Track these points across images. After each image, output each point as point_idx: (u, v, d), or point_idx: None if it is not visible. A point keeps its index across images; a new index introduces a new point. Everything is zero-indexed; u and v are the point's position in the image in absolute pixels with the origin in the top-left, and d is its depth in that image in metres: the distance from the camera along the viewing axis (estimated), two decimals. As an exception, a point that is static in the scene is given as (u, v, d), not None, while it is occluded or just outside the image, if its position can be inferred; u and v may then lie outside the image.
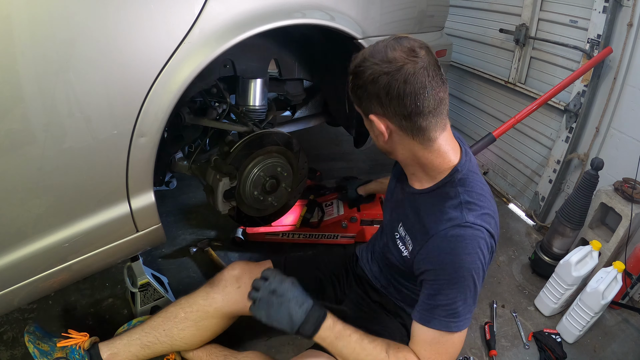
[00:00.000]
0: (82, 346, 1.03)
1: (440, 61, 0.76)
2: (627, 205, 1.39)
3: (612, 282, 1.26)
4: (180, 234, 1.71)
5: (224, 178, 1.15)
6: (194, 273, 1.51)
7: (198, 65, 0.84)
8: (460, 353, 1.26)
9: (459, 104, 2.52)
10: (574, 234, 1.53)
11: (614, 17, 1.51)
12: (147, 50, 0.78)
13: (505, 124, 1.65)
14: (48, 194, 0.79)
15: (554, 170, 1.84)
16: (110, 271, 1.46)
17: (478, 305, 1.46)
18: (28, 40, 0.65)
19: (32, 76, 0.68)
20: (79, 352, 1.02)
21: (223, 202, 1.20)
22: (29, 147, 0.72)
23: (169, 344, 1.06)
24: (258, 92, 1.30)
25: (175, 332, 1.05)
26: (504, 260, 1.72)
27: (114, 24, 0.73)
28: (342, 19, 1.09)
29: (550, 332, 1.34)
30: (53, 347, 1.02)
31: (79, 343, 1.04)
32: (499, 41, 2.13)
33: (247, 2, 0.90)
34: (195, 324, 1.06)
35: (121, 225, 0.92)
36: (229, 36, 0.87)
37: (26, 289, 0.85)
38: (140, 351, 1.05)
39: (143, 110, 0.81)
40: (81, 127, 0.76)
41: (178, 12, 0.80)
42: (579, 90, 1.67)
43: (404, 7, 1.35)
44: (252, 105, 1.31)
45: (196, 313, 1.06)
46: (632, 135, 1.51)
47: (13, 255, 0.79)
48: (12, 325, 1.25)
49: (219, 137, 1.32)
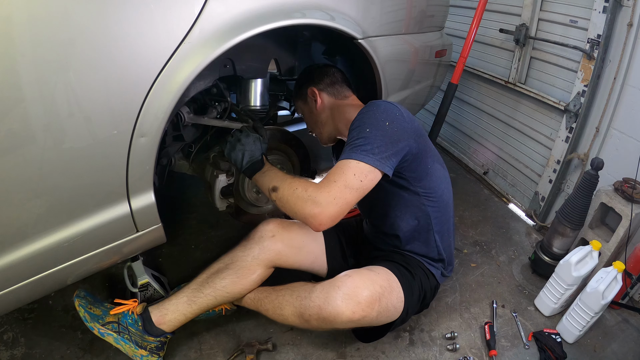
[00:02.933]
0: (134, 311, 1.10)
1: (440, 61, 0.80)
2: (627, 205, 1.39)
3: (612, 282, 1.26)
4: (180, 234, 1.71)
5: (221, 174, 1.15)
6: (194, 273, 1.50)
7: (198, 66, 0.84)
8: (460, 353, 1.27)
9: (459, 104, 2.52)
10: (574, 234, 1.53)
11: (614, 17, 1.50)
12: (147, 50, 0.78)
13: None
14: (48, 194, 0.78)
15: (554, 170, 1.85)
16: (110, 271, 1.46)
17: (478, 304, 1.46)
18: (28, 40, 0.65)
19: (32, 76, 0.67)
20: (132, 317, 1.09)
21: (220, 199, 1.20)
22: (29, 147, 0.72)
23: (213, 295, 1.14)
24: (258, 92, 1.30)
25: (217, 282, 1.14)
26: (504, 260, 1.72)
27: (114, 24, 0.73)
28: (342, 19, 1.09)
29: (550, 332, 1.34)
30: (105, 312, 1.09)
31: (130, 308, 1.10)
32: (499, 41, 2.13)
33: (247, 2, 0.90)
34: (235, 273, 1.15)
35: (121, 225, 0.92)
36: (229, 36, 0.87)
37: (26, 288, 0.85)
38: (187, 308, 1.13)
39: (143, 110, 0.81)
40: (81, 127, 0.76)
41: (178, 12, 0.80)
42: (579, 90, 1.67)
43: (404, 7, 1.35)
44: (252, 105, 1.31)
45: (236, 263, 1.17)
46: (632, 135, 1.51)
47: (13, 255, 0.79)
48: (12, 325, 1.25)
49: (220, 136, 1.32)
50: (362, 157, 0.95)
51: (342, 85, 1.23)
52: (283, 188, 1.00)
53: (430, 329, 1.36)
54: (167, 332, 1.12)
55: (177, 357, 1.20)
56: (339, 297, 0.97)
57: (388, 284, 1.07)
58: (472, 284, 1.57)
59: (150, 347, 1.09)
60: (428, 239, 1.22)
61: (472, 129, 2.47)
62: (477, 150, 2.44)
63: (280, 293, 1.13)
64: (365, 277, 1.04)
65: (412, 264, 1.20)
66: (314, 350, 1.25)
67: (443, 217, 1.21)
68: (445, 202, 1.20)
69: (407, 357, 1.26)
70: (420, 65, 1.53)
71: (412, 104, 1.72)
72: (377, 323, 1.07)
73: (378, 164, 0.96)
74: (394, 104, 1.04)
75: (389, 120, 0.99)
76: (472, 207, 2.08)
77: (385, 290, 1.04)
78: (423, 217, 1.18)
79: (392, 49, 1.31)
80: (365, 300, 0.98)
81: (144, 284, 1.26)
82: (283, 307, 1.09)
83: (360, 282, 1.01)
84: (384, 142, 0.97)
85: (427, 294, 1.21)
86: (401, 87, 1.49)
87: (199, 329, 1.28)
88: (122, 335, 1.06)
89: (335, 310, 0.97)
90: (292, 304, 1.07)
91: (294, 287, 1.12)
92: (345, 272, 1.06)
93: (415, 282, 1.16)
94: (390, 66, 1.33)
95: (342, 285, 1.00)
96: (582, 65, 1.64)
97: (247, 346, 1.21)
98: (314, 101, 1.23)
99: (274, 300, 1.12)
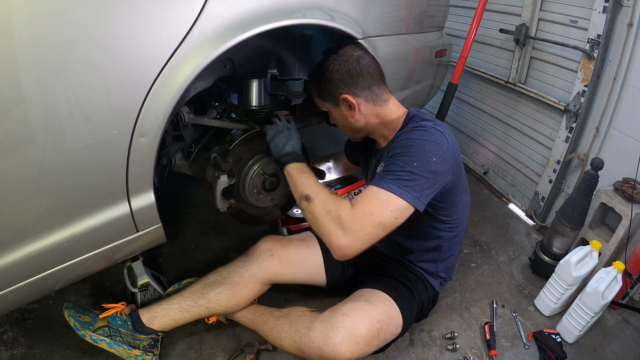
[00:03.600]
0: (123, 312, 1.11)
1: (440, 61, 0.81)
2: (627, 205, 1.39)
3: (612, 282, 1.26)
4: (180, 234, 1.71)
5: (223, 175, 1.15)
6: (194, 273, 1.50)
7: (198, 65, 0.84)
8: (460, 353, 1.27)
9: (459, 103, 2.52)
10: (574, 234, 1.53)
11: (614, 17, 1.50)
12: (147, 50, 0.78)
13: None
14: (48, 194, 0.78)
15: (554, 170, 1.84)
16: (110, 271, 1.46)
17: (478, 304, 1.46)
18: (28, 40, 0.65)
19: (32, 76, 0.67)
20: (121, 318, 1.11)
21: (222, 200, 1.20)
22: (29, 147, 0.72)
23: (206, 307, 1.15)
24: (259, 92, 1.29)
25: (212, 295, 1.15)
26: (504, 260, 1.72)
27: (114, 24, 0.73)
28: (342, 19, 1.09)
29: (550, 332, 1.34)
30: (95, 318, 1.10)
31: (119, 310, 1.12)
32: (499, 41, 2.13)
33: (247, 2, 0.90)
34: (231, 288, 1.16)
35: (121, 225, 0.92)
36: (229, 36, 0.87)
37: (26, 289, 0.85)
38: (179, 315, 1.14)
39: (143, 111, 0.81)
40: (81, 127, 0.76)
41: (178, 12, 0.80)
42: (578, 90, 1.67)
43: (404, 7, 1.34)
44: (253, 105, 1.30)
45: (232, 278, 1.17)
46: (632, 135, 1.51)
47: (13, 255, 0.79)
48: (12, 325, 1.25)
49: (220, 136, 1.32)
50: (404, 193, 0.91)
51: (380, 84, 1.07)
52: (316, 203, 0.97)
53: (430, 329, 1.36)
54: (157, 331, 1.13)
55: (176, 357, 1.20)
56: (337, 340, 0.97)
57: (386, 317, 1.06)
58: (472, 284, 1.57)
59: (143, 345, 1.10)
60: (436, 258, 1.22)
61: (472, 129, 2.47)
62: (477, 150, 2.44)
63: (279, 322, 1.11)
64: (363, 314, 1.02)
65: (412, 278, 1.21)
66: (314, 350, 1.25)
67: (455, 239, 1.22)
68: (461, 227, 1.21)
69: (407, 357, 1.26)
70: (420, 65, 1.53)
71: (412, 104, 1.72)
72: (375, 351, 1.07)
73: (417, 202, 0.93)
74: (442, 131, 0.98)
75: (436, 156, 0.94)
76: (472, 207, 2.06)
77: (383, 324, 1.04)
78: (437, 239, 1.19)
79: (392, 49, 1.31)
80: (364, 340, 0.98)
81: (144, 284, 1.26)
82: (282, 340, 1.08)
83: (358, 322, 1.00)
84: (427, 180, 0.93)
85: (424, 305, 1.22)
86: (401, 87, 1.49)
87: (199, 329, 1.28)
88: (114, 338, 1.06)
89: (335, 352, 0.96)
90: (291, 338, 1.05)
91: (292, 317, 1.10)
92: (343, 310, 1.03)
93: (414, 299, 1.17)
94: (391, 66, 1.33)
95: (340, 327, 0.98)
96: (582, 65, 1.64)
97: (247, 346, 1.21)
98: (348, 108, 1.08)
99: (272, 329, 1.12)
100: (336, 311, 1.04)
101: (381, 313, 1.05)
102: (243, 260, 1.22)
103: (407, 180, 0.92)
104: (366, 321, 1.00)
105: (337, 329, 0.98)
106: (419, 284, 1.20)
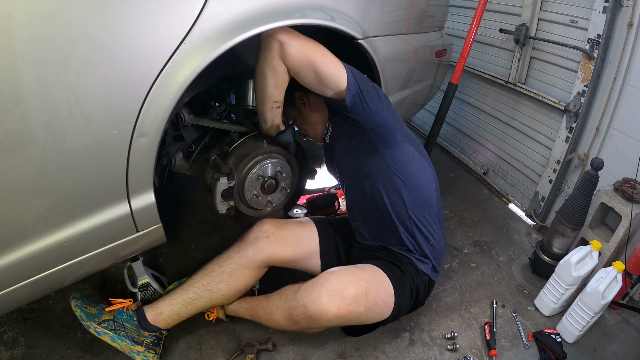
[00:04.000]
0: (129, 308, 1.12)
1: (440, 61, 0.80)
2: (627, 205, 1.39)
3: (612, 282, 1.26)
4: (180, 234, 1.71)
5: (222, 177, 1.15)
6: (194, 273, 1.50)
7: (198, 66, 0.84)
8: (460, 353, 1.27)
9: (458, 103, 2.52)
10: (574, 234, 1.53)
11: (614, 17, 1.50)
12: (148, 50, 0.78)
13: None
14: (48, 194, 0.78)
15: (554, 170, 1.85)
16: (110, 271, 1.46)
17: (478, 304, 1.47)
18: (28, 40, 0.65)
19: (32, 76, 0.67)
20: (127, 314, 1.11)
21: (221, 202, 1.20)
22: (29, 147, 0.72)
23: (208, 297, 1.16)
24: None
25: (213, 285, 1.16)
26: (504, 260, 1.72)
27: (114, 24, 0.73)
28: (342, 19, 1.09)
29: (550, 332, 1.34)
30: (101, 311, 1.11)
31: (126, 306, 1.12)
32: (499, 41, 2.13)
33: (247, 2, 0.90)
34: (230, 276, 1.17)
35: (121, 225, 0.92)
36: (229, 36, 0.87)
37: (26, 288, 0.85)
38: (182, 309, 1.15)
39: (143, 111, 0.81)
40: (81, 127, 0.76)
41: (178, 12, 0.80)
42: (578, 90, 1.67)
43: (404, 7, 1.35)
44: (252, 105, 1.31)
45: (230, 265, 1.18)
46: (632, 135, 1.51)
47: (13, 255, 0.79)
48: (12, 325, 1.25)
49: (219, 137, 1.32)
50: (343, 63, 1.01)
51: None
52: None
53: (430, 329, 1.36)
54: (162, 329, 1.13)
55: (176, 356, 1.20)
56: (322, 294, 0.97)
57: (374, 279, 1.07)
58: (472, 284, 1.57)
59: (146, 342, 1.10)
60: (412, 232, 1.19)
61: (472, 129, 2.47)
62: (477, 150, 2.44)
63: (271, 298, 1.14)
64: (349, 272, 1.04)
65: (402, 260, 1.20)
66: (313, 350, 1.25)
67: (419, 206, 1.17)
68: (418, 188, 1.17)
69: (407, 357, 1.26)
70: (420, 65, 1.53)
71: (412, 104, 1.72)
72: (368, 320, 1.07)
73: (350, 74, 1.00)
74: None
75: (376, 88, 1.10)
76: (472, 207, 2.08)
77: (371, 284, 1.04)
78: (395, 193, 1.15)
79: (392, 49, 1.31)
80: (350, 296, 0.98)
81: (144, 284, 1.26)
82: (274, 312, 1.09)
83: (343, 278, 1.01)
84: (366, 83, 1.05)
85: (420, 290, 1.20)
86: (401, 87, 1.49)
87: (199, 329, 1.28)
88: (118, 332, 1.07)
89: (320, 307, 0.97)
90: (280, 307, 1.07)
91: (282, 290, 1.13)
92: (329, 270, 1.06)
93: (406, 278, 1.16)
94: (390, 66, 1.33)
95: (325, 282, 1.00)
96: (582, 65, 1.64)
97: (247, 346, 1.21)
98: (302, 104, 1.23)
99: (265, 307, 1.13)
100: (322, 273, 1.06)
101: (368, 275, 1.06)
102: (239, 246, 1.22)
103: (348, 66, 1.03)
104: (352, 278, 1.02)
105: (322, 284, 0.99)
106: (409, 267, 1.19)
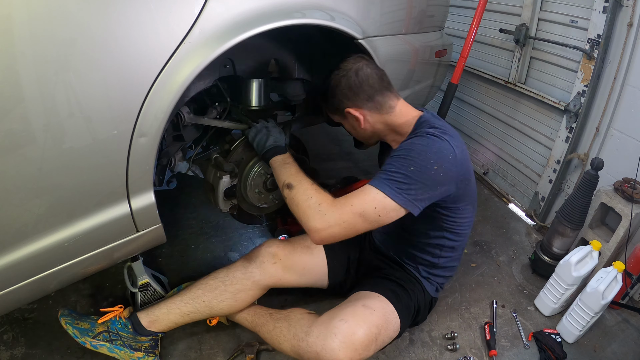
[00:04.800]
0: (122, 316, 1.10)
1: (440, 61, 0.80)
2: (627, 205, 1.39)
3: (612, 282, 1.26)
4: (180, 234, 1.71)
5: (225, 176, 1.15)
6: (194, 273, 1.51)
7: (198, 66, 0.84)
8: (460, 353, 1.27)
9: (459, 104, 2.52)
10: (574, 234, 1.53)
11: (614, 17, 1.51)
12: (147, 50, 0.78)
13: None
14: (48, 194, 0.78)
15: (554, 170, 1.85)
16: (110, 271, 1.46)
17: (478, 304, 1.46)
18: (28, 39, 0.65)
19: (32, 76, 0.67)
20: (120, 322, 1.10)
21: (224, 201, 1.20)
22: (29, 147, 0.72)
23: (208, 313, 1.16)
24: (259, 92, 1.29)
25: (215, 304, 1.15)
26: (504, 260, 1.72)
27: (114, 24, 0.73)
28: (342, 19, 1.09)
29: (550, 332, 1.34)
30: (93, 324, 1.09)
31: (117, 314, 1.11)
32: (499, 41, 2.13)
33: (247, 3, 0.89)
34: (233, 296, 1.16)
35: (121, 225, 0.92)
36: (229, 36, 0.87)
37: (26, 288, 0.85)
38: (179, 319, 1.14)
39: (143, 111, 0.81)
40: (81, 127, 0.76)
41: (178, 12, 0.80)
42: (579, 90, 1.67)
43: (404, 7, 1.34)
44: (252, 105, 1.30)
45: (235, 286, 1.16)
46: (632, 135, 1.51)
47: (13, 255, 0.79)
48: (12, 325, 1.25)
49: (220, 136, 1.32)
50: (394, 194, 0.92)
51: (383, 92, 1.07)
52: (298, 190, 1.00)
53: (430, 329, 1.36)
54: (157, 332, 1.12)
55: (176, 357, 1.20)
56: (335, 345, 0.96)
57: (384, 321, 1.05)
58: (472, 284, 1.57)
59: (144, 347, 1.09)
60: (435, 264, 1.21)
61: (472, 129, 2.47)
62: (477, 150, 2.44)
63: (278, 325, 1.10)
64: (361, 319, 1.01)
65: (410, 280, 1.20)
66: (314, 350, 1.25)
67: (454, 251, 1.20)
68: (463, 238, 1.19)
69: (407, 357, 1.26)
70: (420, 65, 1.53)
71: (412, 104, 1.72)
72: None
73: (408, 204, 0.93)
74: (450, 141, 0.97)
75: (438, 165, 0.93)
76: (472, 207, 2.08)
77: (381, 329, 1.03)
78: (437, 247, 1.18)
79: (392, 49, 1.31)
80: (362, 346, 0.97)
81: (144, 284, 1.26)
82: (281, 343, 1.07)
83: (356, 327, 0.98)
84: (424, 186, 0.93)
85: (420, 309, 1.20)
86: (401, 87, 1.49)
87: (199, 329, 1.28)
88: (115, 342, 1.06)
89: (333, 357, 0.95)
90: (289, 342, 1.05)
91: (291, 320, 1.09)
92: (342, 315, 1.02)
93: (411, 302, 1.16)
94: (391, 66, 1.32)
95: (338, 332, 0.97)
96: (582, 65, 1.65)
97: (247, 346, 1.21)
98: (355, 120, 1.10)
99: (271, 331, 1.11)
100: (334, 316, 1.02)
101: (379, 317, 1.04)
102: (245, 266, 1.19)
103: (399, 182, 0.93)
104: (364, 326, 0.99)
105: (335, 335, 0.97)
106: (416, 287, 1.19)
